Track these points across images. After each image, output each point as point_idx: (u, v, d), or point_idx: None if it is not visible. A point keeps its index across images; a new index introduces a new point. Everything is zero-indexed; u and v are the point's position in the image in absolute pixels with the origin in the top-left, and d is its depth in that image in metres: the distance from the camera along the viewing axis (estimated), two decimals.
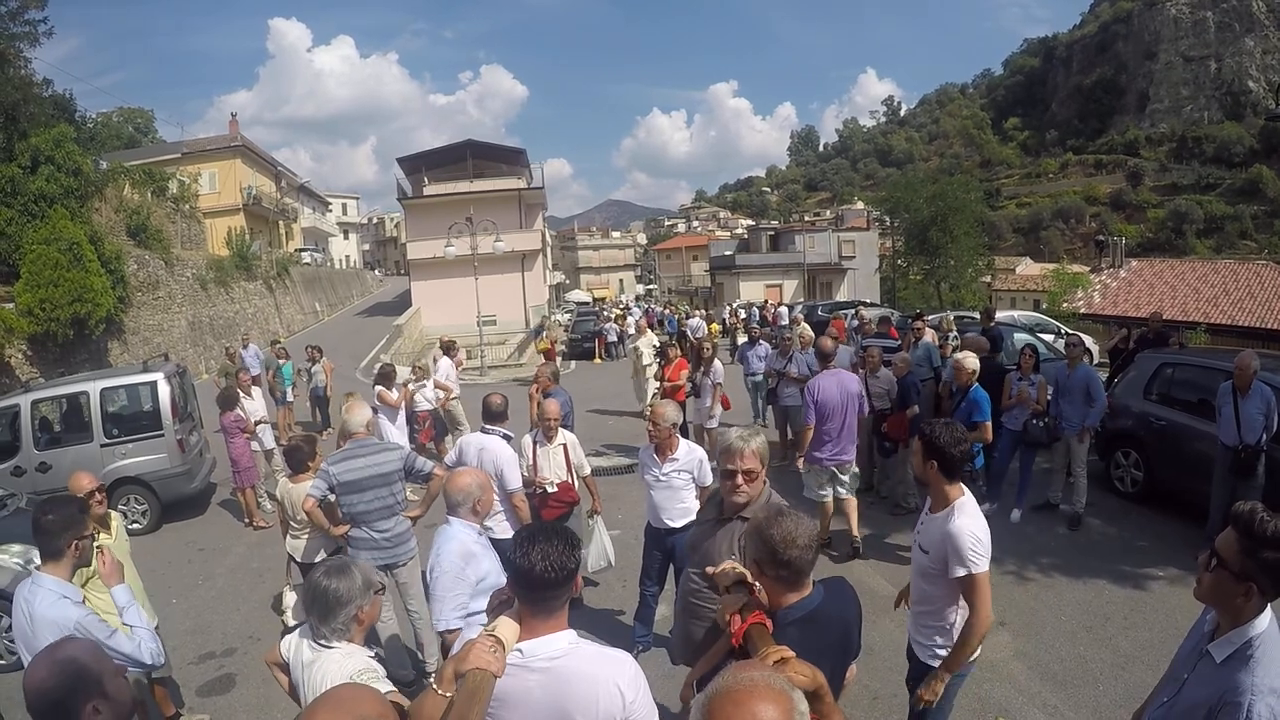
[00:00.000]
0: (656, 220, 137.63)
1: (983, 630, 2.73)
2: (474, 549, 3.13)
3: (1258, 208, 74.91)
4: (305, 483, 4.64)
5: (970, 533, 2.67)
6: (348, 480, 4.37)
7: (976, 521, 2.72)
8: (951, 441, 2.74)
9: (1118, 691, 4.18)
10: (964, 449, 2.78)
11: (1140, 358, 8.05)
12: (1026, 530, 6.60)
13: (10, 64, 15.90)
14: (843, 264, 45.08)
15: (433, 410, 9.88)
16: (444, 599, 3.01)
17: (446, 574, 3.02)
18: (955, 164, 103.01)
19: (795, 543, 1.95)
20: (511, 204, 33.09)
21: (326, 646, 2.29)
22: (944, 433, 2.76)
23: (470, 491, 3.19)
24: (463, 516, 3.19)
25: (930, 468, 2.79)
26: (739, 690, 1.19)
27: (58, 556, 2.87)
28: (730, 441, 2.80)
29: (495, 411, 4.96)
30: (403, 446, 5.36)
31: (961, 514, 2.73)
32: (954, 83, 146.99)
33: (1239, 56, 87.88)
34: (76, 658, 1.85)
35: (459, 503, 3.19)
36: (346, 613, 2.29)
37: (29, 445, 8.08)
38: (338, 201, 64.05)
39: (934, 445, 2.76)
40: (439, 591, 3.02)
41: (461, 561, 3.05)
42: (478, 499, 3.20)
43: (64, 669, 1.80)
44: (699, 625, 2.83)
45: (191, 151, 32.62)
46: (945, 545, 2.71)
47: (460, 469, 3.45)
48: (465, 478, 3.26)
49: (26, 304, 14.18)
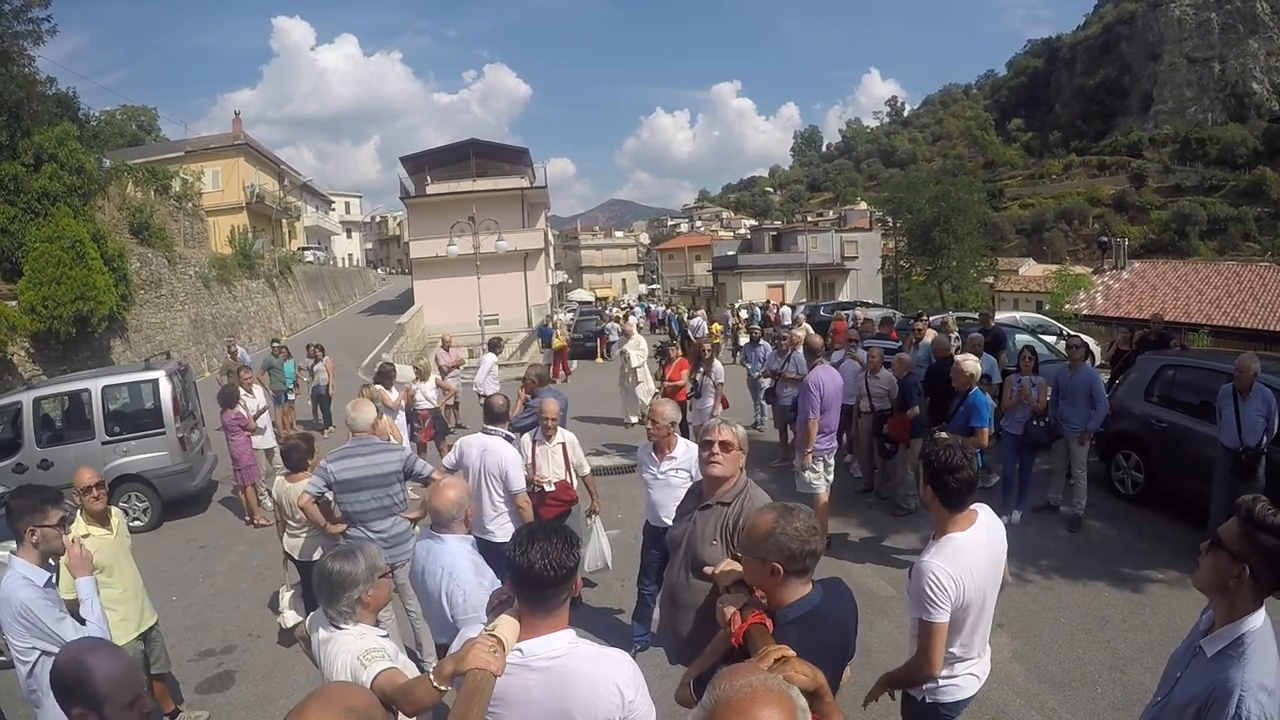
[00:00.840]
0: (659, 220, 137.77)
1: (921, 676, 2.53)
2: (477, 559, 3.04)
3: (1261, 210, 74.64)
4: (302, 481, 4.63)
5: (933, 576, 2.42)
6: (345, 479, 4.36)
7: (952, 564, 2.45)
8: (948, 468, 2.48)
9: (1116, 694, 4.17)
10: (962, 477, 2.49)
11: (1141, 359, 8.05)
12: (1026, 532, 6.58)
13: (14, 62, 15.90)
14: (845, 264, 45.04)
15: (433, 410, 9.89)
16: (481, 618, 2.76)
17: (472, 593, 2.84)
18: (958, 165, 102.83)
19: (814, 531, 1.99)
20: (514, 203, 33.10)
21: (338, 627, 2.36)
22: (943, 455, 2.50)
23: (461, 504, 3.07)
24: (455, 531, 3.06)
25: (928, 491, 2.58)
26: (741, 697, 1.19)
27: (20, 541, 3.04)
28: (706, 421, 2.88)
29: (498, 412, 4.95)
30: (403, 448, 5.36)
31: (940, 552, 2.50)
32: (957, 83, 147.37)
33: (1243, 58, 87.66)
34: (57, 667, 1.86)
35: (451, 517, 3.04)
36: (350, 596, 2.35)
37: (31, 442, 8.11)
38: (341, 200, 64.08)
39: (931, 469, 2.54)
40: (471, 613, 2.76)
41: (477, 577, 2.93)
42: (468, 509, 3.11)
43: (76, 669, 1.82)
44: (685, 615, 2.82)
45: (195, 150, 32.64)
46: (913, 580, 2.52)
47: (443, 482, 3.24)
48: (451, 491, 3.09)
49: (29, 301, 14.22)
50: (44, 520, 3.03)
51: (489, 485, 4.64)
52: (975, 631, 2.62)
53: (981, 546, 2.54)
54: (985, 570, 2.55)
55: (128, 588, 3.99)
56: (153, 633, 4.12)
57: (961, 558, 2.47)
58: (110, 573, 3.92)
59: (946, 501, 2.53)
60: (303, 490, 4.38)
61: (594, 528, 5.32)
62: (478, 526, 4.60)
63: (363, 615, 2.40)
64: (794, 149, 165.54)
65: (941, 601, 2.42)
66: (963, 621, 2.54)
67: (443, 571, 2.94)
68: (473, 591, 2.85)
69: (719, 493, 2.85)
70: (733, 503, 2.80)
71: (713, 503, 2.83)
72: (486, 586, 2.89)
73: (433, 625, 3.22)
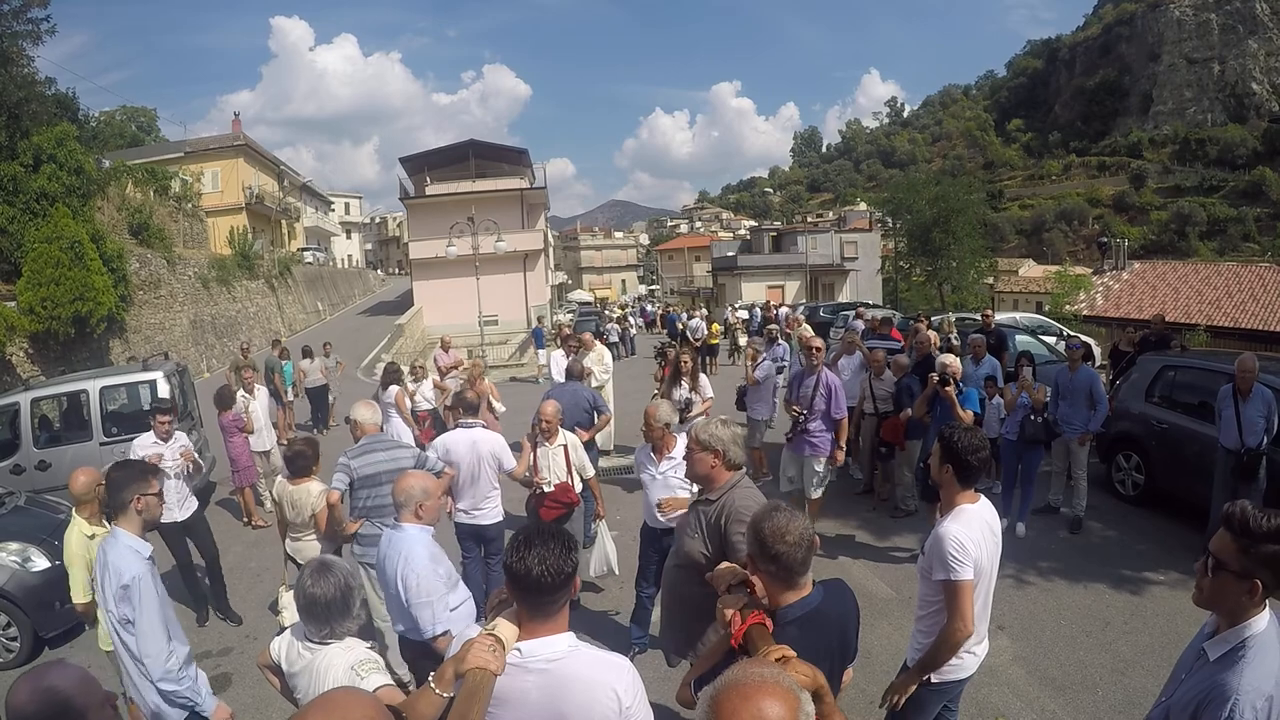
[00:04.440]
0: (659, 220, 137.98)
1: (956, 640, 2.64)
2: (434, 549, 3.19)
3: (1261, 210, 74.73)
4: (305, 484, 4.62)
5: (955, 538, 2.59)
6: (367, 474, 4.48)
7: (969, 529, 2.64)
8: (970, 448, 2.65)
9: (1117, 696, 4.16)
10: (982, 456, 2.68)
11: (1142, 360, 8.03)
12: (1027, 534, 6.57)
13: (13, 62, 15.88)
14: (845, 265, 45.05)
15: (431, 410, 9.88)
16: (431, 603, 3.05)
17: (425, 577, 3.04)
18: (958, 165, 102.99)
19: (784, 538, 1.99)
20: (514, 204, 33.10)
21: (323, 644, 2.30)
22: (964, 438, 2.68)
23: (411, 493, 3.17)
24: (404, 518, 3.18)
25: (945, 471, 2.72)
26: (747, 685, 1.20)
27: (124, 510, 3.03)
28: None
29: (472, 405, 5.33)
30: (413, 446, 5.51)
31: (956, 519, 2.68)
32: (957, 84, 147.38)
33: (1242, 59, 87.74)
34: (59, 688, 1.79)
35: (401, 504, 3.18)
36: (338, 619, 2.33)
37: (28, 443, 8.09)
38: (340, 201, 64.10)
39: (952, 450, 2.68)
40: (424, 597, 3.03)
41: (433, 563, 3.11)
42: (420, 503, 3.18)
43: (46, 698, 1.76)
44: (683, 606, 2.97)
45: (194, 150, 32.64)
46: (933, 547, 2.68)
47: (409, 471, 3.46)
48: (410, 480, 3.23)
49: (28, 302, 14.19)
50: (148, 489, 3.07)
51: (486, 471, 4.92)
52: (983, 604, 2.75)
53: (987, 520, 2.74)
54: (992, 542, 2.73)
55: None
56: None
57: (975, 524, 2.67)
58: None
59: (964, 480, 2.70)
60: (331, 488, 4.44)
61: (600, 532, 5.30)
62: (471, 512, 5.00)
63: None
64: (794, 149, 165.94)
65: (965, 559, 2.57)
66: (974, 592, 2.66)
67: (400, 557, 3.10)
68: (426, 577, 3.04)
69: (707, 490, 3.05)
70: (717, 500, 2.95)
71: (701, 498, 3.04)
72: (441, 575, 3.12)
73: (393, 612, 3.35)
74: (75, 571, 3.81)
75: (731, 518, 2.84)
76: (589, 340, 9.83)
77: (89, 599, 3.73)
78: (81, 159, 16.29)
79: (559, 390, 6.61)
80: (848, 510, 7.43)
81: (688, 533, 2.99)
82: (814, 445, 6.15)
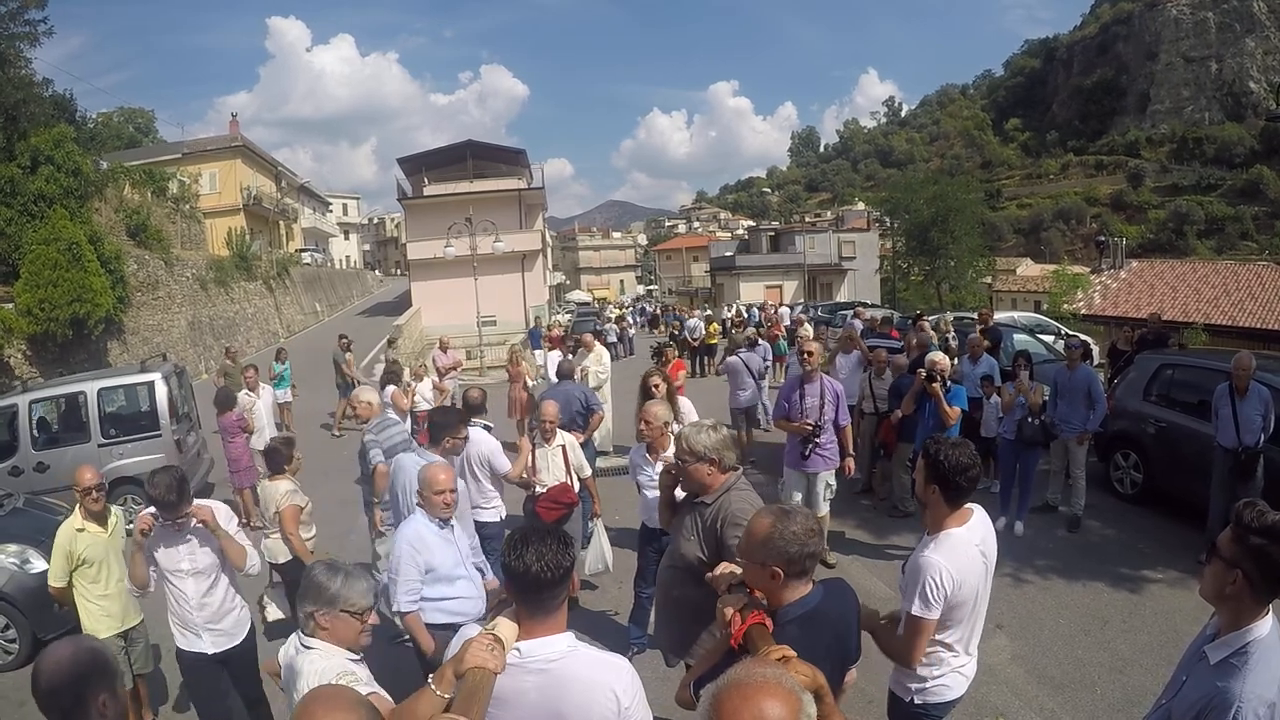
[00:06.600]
0: (657, 221, 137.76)
1: (897, 658, 2.57)
2: (427, 537, 3.35)
3: (1258, 208, 74.82)
4: (277, 482, 4.70)
5: (933, 575, 2.40)
6: (392, 445, 4.91)
7: (952, 560, 2.43)
8: (958, 468, 2.42)
9: (1116, 695, 4.16)
10: (971, 476, 2.45)
11: (1140, 359, 8.04)
12: (1025, 532, 6.58)
13: (10, 64, 15.89)
14: (843, 265, 45.07)
15: (430, 410, 9.87)
16: (397, 582, 3.29)
17: (398, 558, 3.31)
18: (956, 165, 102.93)
19: (813, 534, 2.00)
20: (511, 204, 33.06)
21: (308, 648, 2.27)
22: (951, 455, 2.43)
23: (419, 484, 3.45)
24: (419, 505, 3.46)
25: (931, 491, 2.51)
26: (749, 684, 1.20)
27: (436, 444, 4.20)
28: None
29: (476, 405, 5.53)
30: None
31: (939, 547, 2.47)
32: (955, 83, 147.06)
33: (1240, 57, 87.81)
34: (95, 649, 1.93)
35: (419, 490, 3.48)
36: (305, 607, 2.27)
37: (26, 445, 8.07)
38: (338, 202, 64.07)
39: (938, 469, 2.45)
40: (393, 575, 3.33)
41: (412, 549, 3.30)
42: (420, 493, 3.41)
43: (81, 659, 1.85)
44: (676, 607, 2.95)
45: (192, 152, 32.58)
46: (911, 573, 2.52)
47: (431, 463, 3.68)
48: (427, 471, 3.47)
49: (26, 304, 14.17)
50: (457, 434, 4.24)
51: (472, 473, 4.92)
52: (971, 628, 2.62)
53: (977, 543, 2.54)
54: (980, 567, 2.55)
55: (114, 585, 3.99)
56: (134, 632, 4.09)
57: (961, 553, 2.47)
58: (100, 570, 3.95)
59: (951, 499, 2.50)
60: (376, 464, 4.91)
61: (595, 530, 5.31)
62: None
63: (317, 633, 2.26)
64: (791, 149, 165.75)
65: (936, 600, 2.41)
66: (959, 617, 2.53)
67: (397, 535, 3.48)
68: (399, 557, 3.30)
69: (703, 493, 2.99)
70: (713, 502, 2.92)
71: (695, 501, 2.99)
72: (419, 564, 3.31)
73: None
74: (56, 557, 3.95)
75: (728, 521, 2.81)
76: (589, 341, 9.89)
77: (63, 584, 3.93)
78: (79, 160, 16.28)
79: (553, 390, 6.63)
80: (846, 510, 7.42)
81: (684, 535, 2.97)
82: (827, 459, 5.79)
